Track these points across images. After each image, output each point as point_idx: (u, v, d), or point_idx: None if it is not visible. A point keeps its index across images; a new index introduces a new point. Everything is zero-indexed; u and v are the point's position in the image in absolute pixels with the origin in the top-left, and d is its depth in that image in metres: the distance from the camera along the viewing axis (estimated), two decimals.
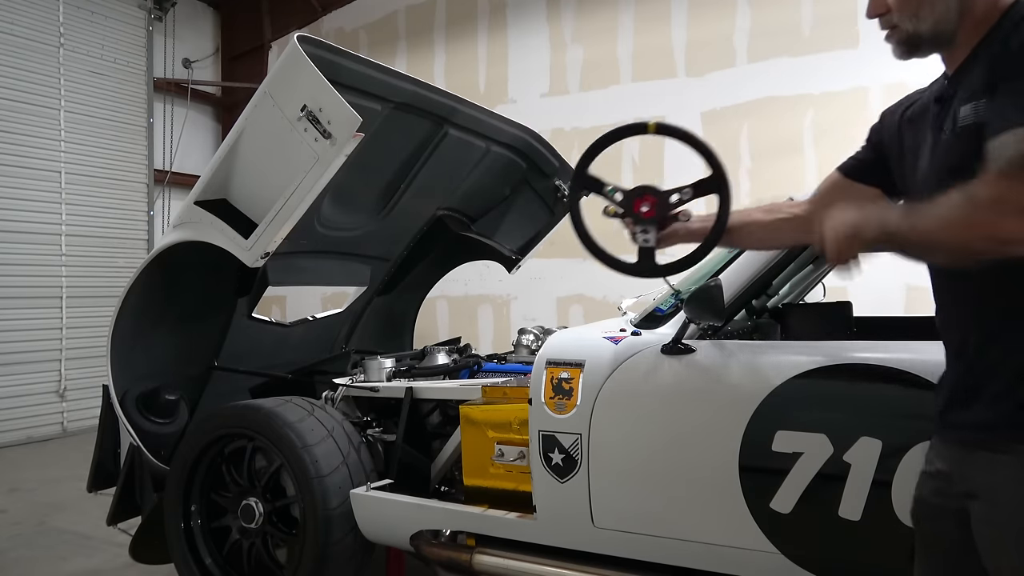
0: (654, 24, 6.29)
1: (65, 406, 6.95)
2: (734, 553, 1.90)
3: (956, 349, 1.23)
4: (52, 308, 6.95)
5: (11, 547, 3.69)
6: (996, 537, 1.11)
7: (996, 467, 1.11)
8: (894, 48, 1.24)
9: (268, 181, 2.50)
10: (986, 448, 1.13)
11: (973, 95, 1.10)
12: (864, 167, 1.48)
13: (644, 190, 1.67)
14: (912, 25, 1.18)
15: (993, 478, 1.11)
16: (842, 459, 1.74)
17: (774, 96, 5.63)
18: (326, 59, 2.38)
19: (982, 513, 1.13)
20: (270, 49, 8.70)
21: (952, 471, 1.20)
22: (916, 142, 1.29)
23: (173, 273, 2.89)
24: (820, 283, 3.33)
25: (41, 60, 6.90)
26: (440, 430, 2.82)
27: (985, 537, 1.13)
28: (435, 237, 3.66)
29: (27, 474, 5.31)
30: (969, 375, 1.18)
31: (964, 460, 1.17)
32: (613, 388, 2.07)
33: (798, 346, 2.03)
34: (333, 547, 2.45)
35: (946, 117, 1.17)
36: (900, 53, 1.23)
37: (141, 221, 7.85)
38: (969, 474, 1.16)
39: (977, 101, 1.09)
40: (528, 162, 3.56)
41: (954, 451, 1.20)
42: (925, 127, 1.26)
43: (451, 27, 7.40)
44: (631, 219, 1.66)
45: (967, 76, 1.15)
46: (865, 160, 1.49)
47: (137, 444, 2.86)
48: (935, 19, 1.16)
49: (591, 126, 6.54)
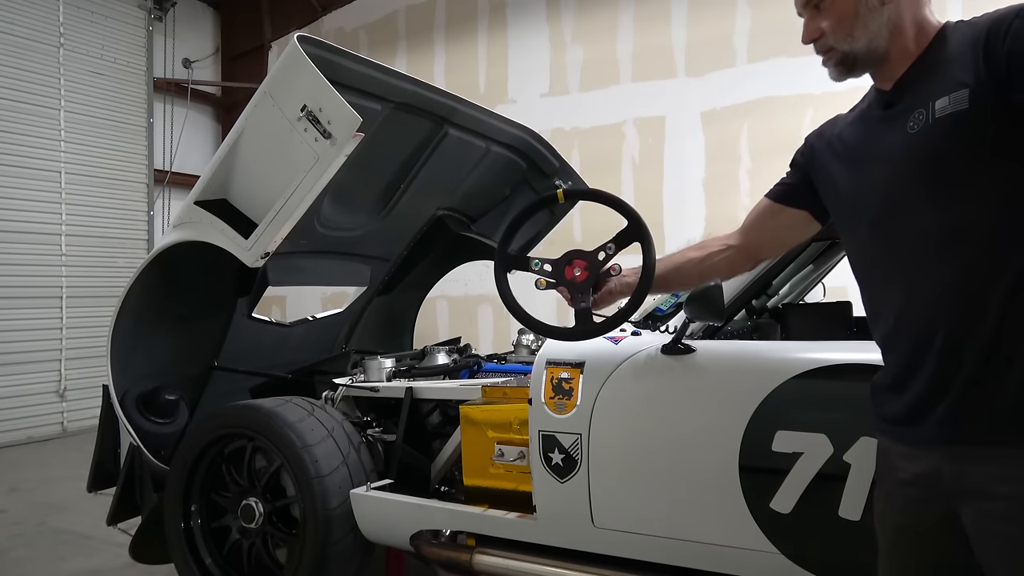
0: (654, 24, 6.29)
1: (65, 406, 6.96)
2: (734, 553, 1.90)
3: (924, 342, 1.19)
4: (52, 308, 6.96)
5: (11, 547, 3.69)
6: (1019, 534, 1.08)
7: (1016, 461, 1.08)
8: (831, 70, 1.30)
9: (268, 181, 2.50)
10: (1005, 443, 1.10)
11: (947, 89, 1.15)
12: (793, 192, 1.52)
13: (571, 256, 1.72)
14: (848, 45, 1.25)
15: (1015, 473, 1.08)
16: (842, 459, 1.74)
17: (774, 96, 5.63)
18: (326, 59, 2.38)
19: (995, 510, 1.10)
20: (270, 49, 8.70)
21: (942, 471, 1.17)
22: (862, 154, 1.31)
23: (173, 273, 2.88)
24: (820, 283, 3.33)
25: (41, 60, 6.91)
26: (440, 430, 2.82)
27: (999, 535, 1.10)
28: (435, 237, 3.66)
29: (27, 474, 5.32)
30: (951, 366, 1.14)
31: (961, 458, 1.14)
32: (613, 388, 2.07)
33: (798, 346, 2.03)
34: (333, 547, 2.45)
35: (908, 115, 1.21)
36: (837, 74, 1.30)
37: (141, 221, 7.85)
38: (972, 471, 1.12)
39: (954, 93, 1.14)
40: (528, 162, 3.56)
41: (945, 450, 1.17)
42: (875, 135, 1.29)
43: (451, 27, 7.40)
44: (565, 287, 1.70)
45: (915, 84, 1.22)
46: (793, 185, 1.52)
47: (137, 444, 2.86)
48: (868, 38, 1.24)
49: (591, 126, 6.55)
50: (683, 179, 6.09)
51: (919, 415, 1.18)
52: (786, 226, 1.55)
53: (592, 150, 6.46)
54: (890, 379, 1.26)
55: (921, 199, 1.18)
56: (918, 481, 1.21)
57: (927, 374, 1.18)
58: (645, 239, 1.70)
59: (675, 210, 6.11)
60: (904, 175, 1.20)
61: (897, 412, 1.24)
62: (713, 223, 5.91)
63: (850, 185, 1.32)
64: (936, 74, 1.19)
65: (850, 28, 1.24)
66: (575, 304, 1.69)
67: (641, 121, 6.33)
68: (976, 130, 1.11)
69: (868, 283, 1.32)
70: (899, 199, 1.21)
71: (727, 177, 5.89)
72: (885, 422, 1.28)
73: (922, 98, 1.19)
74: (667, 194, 6.16)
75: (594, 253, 1.69)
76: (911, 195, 1.19)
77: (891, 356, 1.27)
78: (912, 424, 1.20)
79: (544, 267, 1.72)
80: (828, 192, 1.40)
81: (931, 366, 1.17)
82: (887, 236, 1.24)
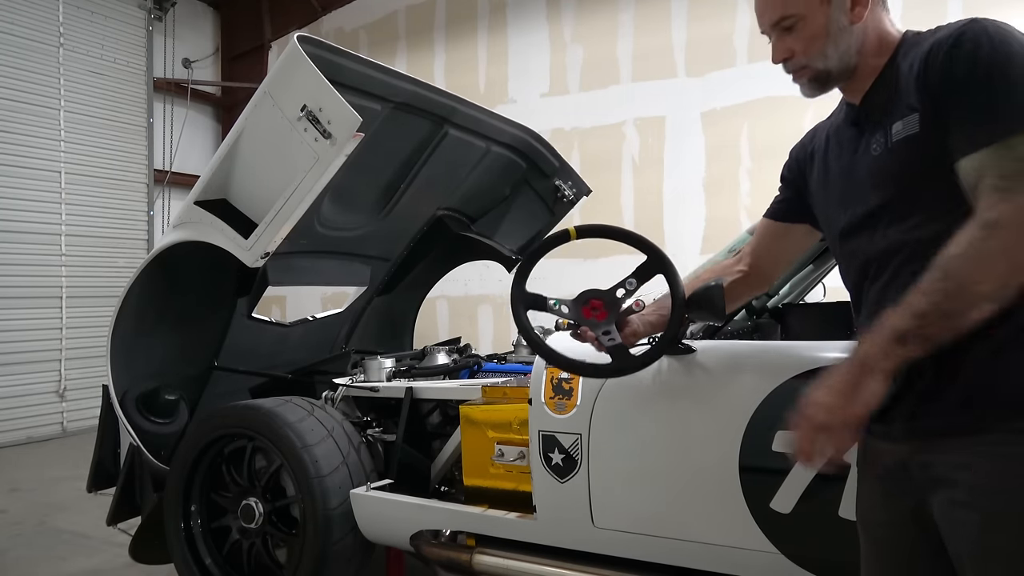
0: (654, 24, 6.29)
1: (65, 406, 6.96)
2: (734, 553, 1.90)
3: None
4: (52, 308, 6.96)
5: (11, 547, 3.69)
6: (986, 519, 1.10)
7: (974, 449, 1.11)
8: (804, 87, 1.33)
9: (268, 181, 2.50)
10: (961, 432, 1.13)
11: (901, 113, 1.20)
12: (790, 207, 1.56)
13: (588, 296, 1.66)
14: (822, 63, 1.28)
15: (973, 461, 1.11)
16: (842, 459, 1.74)
17: (774, 96, 5.63)
18: (326, 59, 2.38)
19: (955, 498, 1.12)
20: (270, 49, 8.70)
21: (909, 463, 1.20)
22: (834, 173, 1.37)
23: (173, 273, 2.88)
24: (820, 283, 3.32)
25: (41, 60, 6.91)
26: (440, 430, 2.82)
27: (960, 522, 1.12)
28: (435, 237, 3.66)
29: (27, 474, 5.32)
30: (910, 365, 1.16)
31: (924, 450, 1.18)
32: (613, 388, 2.07)
33: (798, 346, 2.03)
34: (333, 547, 2.45)
35: (872, 136, 1.26)
36: (811, 90, 1.33)
37: (141, 221, 7.85)
38: (934, 462, 1.16)
39: (906, 117, 1.18)
40: (528, 162, 3.57)
41: (911, 444, 1.20)
42: (846, 154, 1.33)
43: (451, 27, 7.40)
44: (586, 327, 1.65)
45: (878, 98, 1.26)
46: (788, 200, 1.57)
47: (137, 444, 2.86)
48: (839, 55, 1.27)
49: (591, 126, 6.55)
50: (683, 179, 6.09)
51: (887, 410, 1.22)
52: (792, 241, 1.61)
53: (592, 150, 6.46)
54: None
55: (883, 217, 1.23)
56: (890, 475, 1.25)
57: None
58: (669, 272, 1.66)
59: (675, 210, 6.10)
60: (868, 195, 1.25)
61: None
62: (713, 223, 5.91)
63: (824, 201, 1.40)
64: (895, 92, 1.23)
65: (822, 47, 1.27)
66: (602, 342, 1.64)
67: (641, 121, 6.33)
68: (928, 152, 1.15)
69: (847, 287, 1.38)
70: (865, 217, 1.26)
71: (727, 177, 5.89)
72: None
73: (884, 119, 1.24)
74: (667, 194, 6.16)
75: (612, 291, 1.65)
76: (875, 213, 1.24)
77: None
78: (882, 420, 1.24)
79: (561, 308, 1.67)
80: (814, 203, 1.46)
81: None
82: (853, 250, 1.30)
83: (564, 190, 3.70)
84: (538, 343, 1.73)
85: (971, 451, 1.11)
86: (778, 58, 1.33)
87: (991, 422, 1.10)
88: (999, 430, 1.09)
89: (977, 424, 1.12)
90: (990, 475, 1.09)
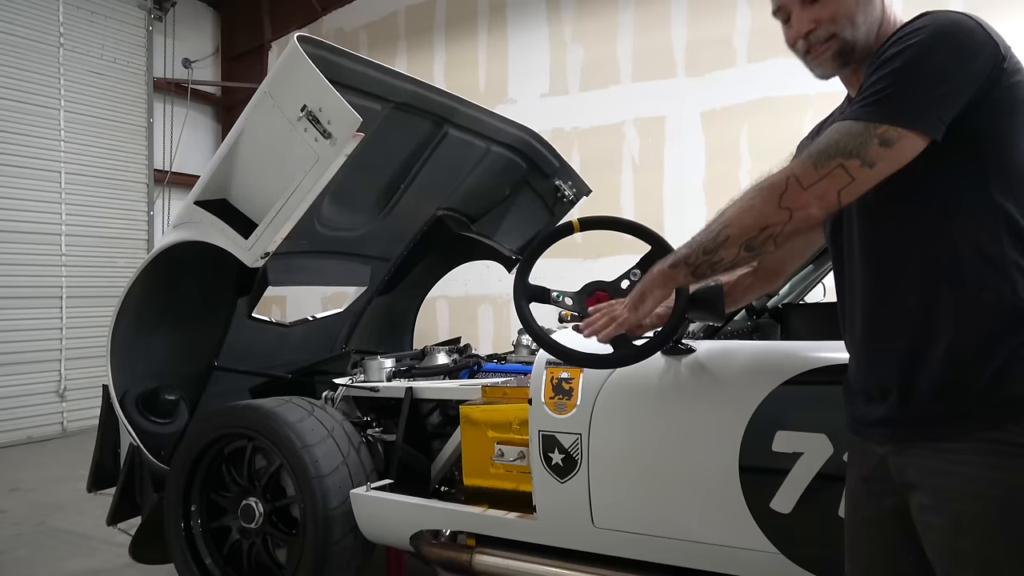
0: (654, 24, 6.29)
1: (65, 406, 6.95)
2: (734, 553, 1.90)
3: (863, 345, 1.29)
4: (52, 308, 6.95)
5: (11, 547, 3.69)
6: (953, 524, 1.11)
7: (940, 456, 1.12)
8: (821, 65, 1.28)
9: (268, 181, 2.50)
10: (927, 439, 1.15)
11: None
12: None
13: (592, 288, 1.65)
14: (850, 32, 1.23)
15: (938, 466, 1.12)
16: (842, 459, 1.73)
17: (774, 96, 5.63)
18: (326, 59, 2.38)
19: (925, 503, 1.14)
20: (270, 49, 8.70)
21: (888, 465, 1.21)
22: None
23: (173, 273, 2.88)
24: (820, 283, 3.32)
25: (41, 60, 6.91)
26: (440, 430, 2.82)
27: (931, 527, 1.14)
28: (435, 237, 3.66)
29: (27, 474, 5.32)
30: (884, 370, 1.21)
31: (899, 452, 1.19)
32: (613, 388, 2.07)
33: (798, 346, 2.02)
34: (333, 547, 2.45)
35: None
36: (831, 66, 1.27)
37: (141, 221, 7.85)
38: (908, 465, 1.17)
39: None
40: (528, 162, 3.57)
41: (888, 446, 1.22)
42: None
43: (451, 27, 7.40)
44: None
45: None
46: None
47: (137, 444, 2.86)
48: (867, 26, 1.23)
49: (591, 126, 6.55)
50: (683, 179, 6.09)
51: (869, 412, 1.25)
52: (801, 238, 1.56)
53: (592, 150, 6.46)
54: (849, 378, 1.35)
55: (864, 217, 1.24)
56: (872, 475, 1.27)
57: (871, 375, 1.25)
58: None
59: (675, 210, 6.10)
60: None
61: (855, 409, 1.31)
62: None
63: None
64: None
65: (852, 14, 1.22)
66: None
67: (641, 121, 6.33)
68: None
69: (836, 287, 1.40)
70: (848, 217, 1.27)
71: (727, 177, 5.88)
72: (849, 419, 1.35)
73: None
74: (667, 194, 6.16)
75: (616, 282, 1.63)
76: (856, 213, 1.25)
77: (851, 356, 1.35)
78: (865, 421, 1.26)
79: (565, 300, 1.66)
80: None
81: (872, 367, 1.25)
82: (839, 250, 1.33)
83: (564, 190, 3.70)
84: (540, 335, 1.72)
85: (937, 457, 1.13)
86: (803, 30, 1.26)
87: (954, 430, 1.11)
88: (961, 438, 1.10)
89: (940, 431, 1.13)
90: (956, 481, 1.10)
